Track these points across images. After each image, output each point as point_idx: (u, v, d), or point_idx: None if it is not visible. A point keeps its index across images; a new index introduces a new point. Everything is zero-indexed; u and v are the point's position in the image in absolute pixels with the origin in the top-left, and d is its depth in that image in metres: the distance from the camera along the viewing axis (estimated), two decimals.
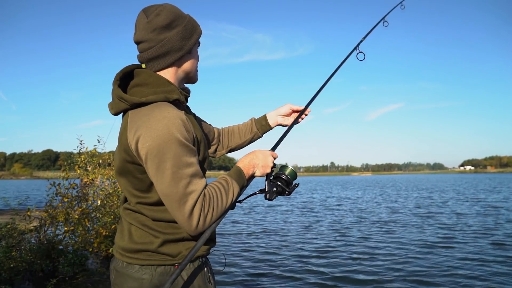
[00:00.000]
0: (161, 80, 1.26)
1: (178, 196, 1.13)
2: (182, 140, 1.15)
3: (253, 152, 1.38)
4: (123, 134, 1.21)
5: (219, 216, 1.21)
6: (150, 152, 1.13)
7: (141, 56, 1.29)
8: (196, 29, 1.33)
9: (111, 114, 1.31)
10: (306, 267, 6.07)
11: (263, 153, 1.38)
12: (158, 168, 1.13)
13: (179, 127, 1.16)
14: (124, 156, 1.21)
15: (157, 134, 1.13)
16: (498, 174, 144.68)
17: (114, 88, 1.25)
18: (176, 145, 1.13)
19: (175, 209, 1.14)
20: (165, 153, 1.12)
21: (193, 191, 1.15)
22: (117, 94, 1.23)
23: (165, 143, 1.12)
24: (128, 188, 1.26)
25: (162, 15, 1.23)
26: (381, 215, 12.90)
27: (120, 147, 1.23)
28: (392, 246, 7.44)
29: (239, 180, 1.29)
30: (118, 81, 1.27)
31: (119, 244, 1.30)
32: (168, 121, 1.14)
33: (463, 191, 26.67)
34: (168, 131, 1.13)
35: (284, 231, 9.78)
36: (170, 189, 1.13)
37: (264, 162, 1.35)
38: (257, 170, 1.35)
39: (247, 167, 1.33)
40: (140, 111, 1.20)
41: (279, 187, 1.39)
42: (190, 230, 1.17)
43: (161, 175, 1.13)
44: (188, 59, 1.33)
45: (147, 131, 1.14)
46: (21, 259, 4.61)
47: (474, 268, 5.73)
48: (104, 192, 6.00)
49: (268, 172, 1.37)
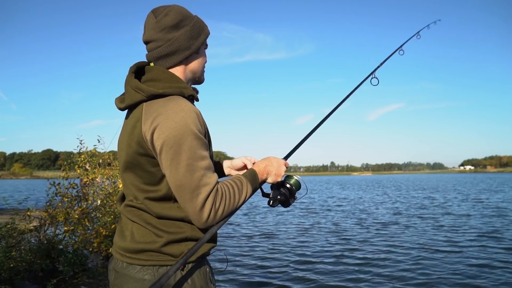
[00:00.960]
0: (174, 77, 1.28)
1: (192, 187, 1.14)
2: (197, 133, 1.17)
3: (268, 159, 1.41)
4: (136, 127, 1.21)
5: (229, 213, 1.23)
6: (167, 143, 1.14)
7: (149, 55, 1.31)
8: (204, 30, 1.35)
9: (119, 108, 1.31)
10: (306, 266, 6.07)
11: (277, 161, 1.41)
12: (173, 159, 1.14)
13: (195, 120, 1.18)
14: (136, 149, 1.21)
15: (175, 126, 1.14)
16: (498, 174, 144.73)
17: (130, 80, 1.26)
18: (192, 138, 1.15)
19: (188, 200, 1.15)
20: (181, 145, 1.14)
21: (207, 184, 1.16)
22: (133, 84, 1.24)
23: (182, 135, 1.14)
24: (136, 183, 1.25)
25: (170, 15, 1.26)
26: (384, 217, 12.89)
27: (131, 140, 1.22)
28: (398, 251, 7.15)
29: (253, 182, 1.31)
30: (133, 73, 1.28)
31: (119, 244, 1.29)
32: (185, 114, 1.17)
33: (466, 191, 26.48)
34: (185, 123, 1.15)
35: (284, 231, 9.79)
36: (185, 180, 1.14)
37: (277, 171, 1.39)
38: (270, 177, 1.38)
39: (262, 172, 1.36)
40: (156, 103, 1.21)
41: (283, 195, 1.42)
42: (200, 223, 1.18)
43: (176, 166, 1.14)
44: (196, 59, 1.35)
45: (164, 121, 1.15)
46: (21, 259, 4.60)
47: (483, 276, 5.40)
48: (104, 192, 6.00)
49: (278, 180, 1.40)
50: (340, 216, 12.80)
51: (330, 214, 13.43)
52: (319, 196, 24.54)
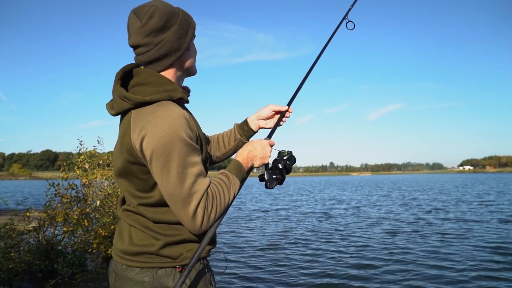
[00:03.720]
0: (162, 79, 1.25)
1: (183, 196, 1.12)
2: (187, 139, 1.14)
3: (250, 143, 1.37)
4: (126, 135, 1.19)
5: (222, 213, 1.21)
6: (156, 152, 1.12)
7: (138, 59, 1.26)
8: (191, 24, 1.29)
9: (111, 114, 1.28)
10: (306, 266, 6.06)
11: (260, 143, 1.36)
12: (164, 168, 1.12)
13: (184, 126, 1.15)
14: (127, 157, 1.19)
15: (163, 134, 1.12)
16: (497, 174, 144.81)
17: (116, 88, 1.23)
18: (182, 145, 1.13)
19: (180, 209, 1.14)
20: (170, 153, 1.12)
21: (198, 190, 1.14)
22: (119, 93, 1.21)
23: (171, 143, 1.11)
24: (129, 190, 1.24)
25: (156, 17, 1.19)
26: (390, 223, 12.85)
27: (122, 148, 1.21)
28: (407, 260, 6.63)
29: (239, 175, 1.29)
30: (119, 80, 1.24)
31: (118, 246, 1.28)
32: (173, 120, 1.13)
33: (470, 191, 25.92)
34: (174, 130, 1.12)
35: (285, 231, 9.78)
36: (176, 189, 1.12)
37: (263, 153, 1.35)
38: (256, 161, 1.34)
39: (246, 160, 1.33)
40: (144, 110, 1.18)
41: (278, 174, 1.36)
42: (195, 230, 1.17)
43: (167, 174, 1.12)
44: (188, 56, 1.32)
45: (152, 130, 1.12)
46: (20, 260, 4.59)
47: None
48: (104, 193, 5.98)
49: (267, 162, 1.36)
50: (348, 221, 12.79)
51: (330, 213, 13.42)
52: (324, 196, 24.51)
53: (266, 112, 1.57)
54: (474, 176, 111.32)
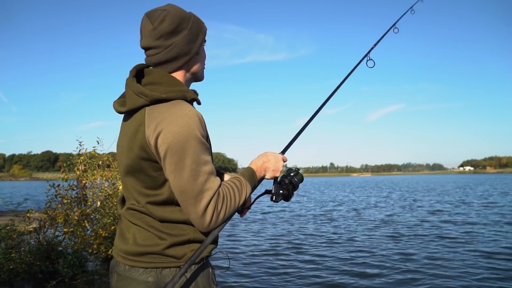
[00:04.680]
0: (175, 80, 1.27)
1: (195, 192, 1.14)
2: (201, 138, 1.18)
3: (265, 155, 1.39)
4: (139, 131, 1.20)
5: (230, 214, 1.23)
6: (171, 148, 1.14)
7: (148, 60, 1.29)
8: (202, 29, 1.32)
9: (118, 112, 1.30)
10: (307, 266, 6.06)
11: (275, 156, 1.39)
12: (178, 164, 1.14)
13: (198, 125, 1.18)
14: (138, 153, 1.20)
15: (179, 131, 1.14)
16: (497, 175, 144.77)
17: (131, 84, 1.24)
18: (196, 142, 1.16)
19: (190, 205, 1.15)
20: (185, 150, 1.14)
21: (210, 188, 1.16)
22: (136, 89, 1.22)
23: (186, 140, 1.14)
24: (137, 187, 1.25)
25: (167, 21, 1.22)
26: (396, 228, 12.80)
27: (133, 144, 1.21)
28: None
29: (251, 181, 1.31)
30: (134, 77, 1.26)
31: (120, 247, 1.28)
32: (189, 118, 1.17)
33: (472, 193, 25.52)
34: (189, 128, 1.15)
35: (285, 231, 9.78)
36: (188, 185, 1.14)
37: (275, 166, 1.38)
38: (268, 173, 1.38)
39: (260, 169, 1.36)
40: (159, 107, 1.20)
41: (285, 190, 1.41)
42: (202, 227, 1.19)
43: (180, 171, 1.14)
44: (196, 61, 1.34)
45: (168, 126, 1.15)
46: (21, 260, 4.59)
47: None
48: (104, 194, 5.98)
49: (277, 176, 1.39)
50: (356, 218, 12.79)
51: (338, 216, 13.42)
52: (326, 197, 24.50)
53: None
54: (474, 176, 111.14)
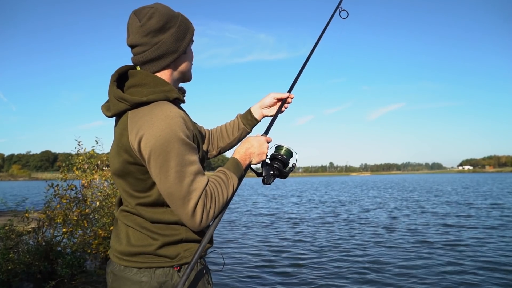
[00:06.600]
0: (158, 80, 1.26)
1: (182, 194, 1.14)
2: (184, 138, 1.16)
3: (247, 140, 1.38)
4: (123, 135, 1.20)
5: (220, 210, 1.23)
6: (154, 151, 1.13)
7: (135, 58, 1.27)
8: (189, 28, 1.31)
9: (106, 116, 1.29)
10: (304, 265, 6.06)
11: (257, 140, 1.38)
12: (162, 167, 1.13)
13: (181, 125, 1.16)
14: (125, 158, 1.20)
15: (160, 134, 1.13)
16: (497, 174, 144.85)
17: (112, 89, 1.24)
18: (179, 144, 1.14)
19: (179, 207, 1.15)
20: (168, 152, 1.13)
21: (196, 188, 1.16)
22: (116, 94, 1.22)
23: (169, 142, 1.13)
24: (127, 190, 1.25)
25: (155, 18, 1.22)
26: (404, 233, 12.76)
27: (120, 149, 1.21)
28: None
29: (237, 172, 1.31)
30: (115, 82, 1.26)
31: (115, 247, 1.29)
32: (171, 120, 1.15)
33: (473, 194, 24.66)
34: (171, 129, 1.14)
35: (283, 231, 9.78)
36: (174, 188, 1.14)
37: (260, 150, 1.37)
38: (254, 159, 1.37)
39: (244, 157, 1.35)
40: (141, 111, 1.19)
41: (275, 169, 1.38)
42: (194, 227, 1.19)
43: (165, 174, 1.14)
44: (184, 60, 1.33)
45: (150, 130, 1.14)
46: (19, 261, 4.58)
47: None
48: (103, 194, 5.98)
49: (264, 159, 1.38)
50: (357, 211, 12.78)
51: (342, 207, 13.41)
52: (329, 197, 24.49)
53: (268, 100, 1.63)
54: (474, 176, 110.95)
